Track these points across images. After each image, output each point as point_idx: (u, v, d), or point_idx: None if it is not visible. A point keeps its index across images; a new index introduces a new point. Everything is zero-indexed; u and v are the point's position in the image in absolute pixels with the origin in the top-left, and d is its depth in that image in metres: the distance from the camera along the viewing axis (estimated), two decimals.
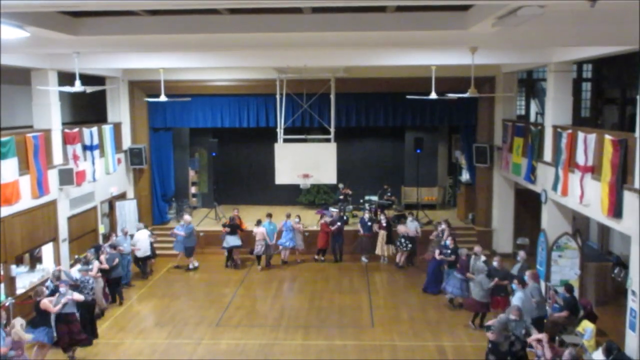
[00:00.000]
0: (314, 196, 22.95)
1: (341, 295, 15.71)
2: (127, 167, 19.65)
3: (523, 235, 17.86)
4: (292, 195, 22.91)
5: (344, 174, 20.68)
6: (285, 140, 18.55)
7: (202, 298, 15.61)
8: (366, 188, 22.20)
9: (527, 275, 12.56)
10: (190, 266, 17.84)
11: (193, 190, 23.00)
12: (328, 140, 18.50)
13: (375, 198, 21.25)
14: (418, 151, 20.63)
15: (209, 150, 22.08)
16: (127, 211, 18.91)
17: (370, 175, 23.06)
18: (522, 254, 14.04)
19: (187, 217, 18.27)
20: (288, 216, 18.18)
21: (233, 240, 17.77)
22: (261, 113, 19.82)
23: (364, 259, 18.59)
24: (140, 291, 16.10)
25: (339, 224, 18.32)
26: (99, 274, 13.93)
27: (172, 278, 17.13)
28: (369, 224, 18.39)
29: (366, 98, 19.64)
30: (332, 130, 18.42)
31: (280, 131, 18.48)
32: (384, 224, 18.18)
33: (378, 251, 18.35)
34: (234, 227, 17.85)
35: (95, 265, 13.75)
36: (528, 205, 18.43)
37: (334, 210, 20.71)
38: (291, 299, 15.56)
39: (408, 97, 15.76)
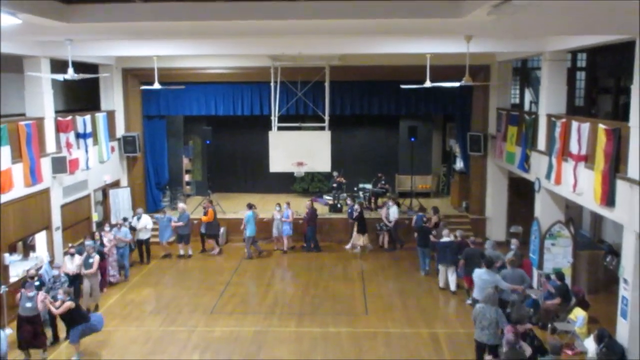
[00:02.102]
0: (308, 184, 22.95)
1: (335, 283, 15.75)
2: (121, 155, 19.58)
3: (516, 223, 17.93)
4: (286, 183, 22.90)
5: (338, 162, 20.65)
6: (280, 128, 18.50)
7: (196, 286, 15.62)
8: (360, 176, 22.23)
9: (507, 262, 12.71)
10: (182, 252, 17.80)
11: (187, 178, 22.97)
12: (322, 129, 18.47)
13: (369, 186, 21.29)
14: (412, 139, 20.62)
15: (203, 138, 22.01)
16: (121, 199, 18.87)
17: (365, 163, 23.06)
18: (515, 242, 14.09)
19: (181, 205, 18.22)
20: (288, 204, 18.27)
21: (205, 228, 17.94)
22: (255, 101, 19.75)
23: (348, 246, 18.62)
24: (135, 279, 16.10)
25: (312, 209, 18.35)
26: (95, 269, 13.68)
27: (166, 266, 17.13)
28: (357, 212, 18.30)
29: (361, 86, 19.60)
30: (326, 118, 18.38)
31: (274, 119, 18.43)
32: (357, 214, 18.14)
33: (353, 240, 18.41)
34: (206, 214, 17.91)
35: (96, 260, 13.61)
36: (521, 194, 18.48)
37: (328, 197, 20.74)
38: (285, 286, 15.60)
39: (403, 86, 15.74)
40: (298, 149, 17.97)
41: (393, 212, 18.18)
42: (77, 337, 11.44)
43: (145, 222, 17.02)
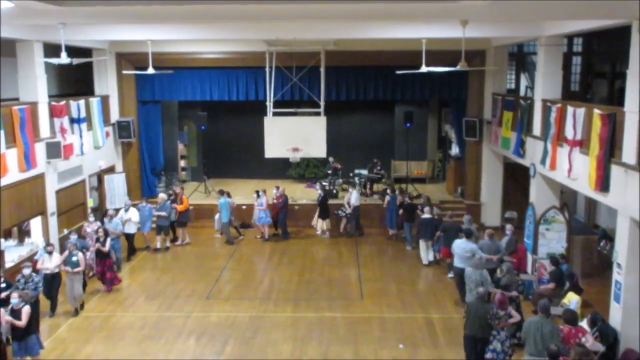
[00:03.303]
0: (304, 170, 22.95)
1: (330, 268, 15.82)
2: (115, 140, 19.51)
3: (511, 208, 17.95)
4: (281, 169, 22.91)
5: (333, 148, 20.64)
6: (275, 114, 18.45)
7: (192, 272, 15.64)
8: (356, 162, 22.23)
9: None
10: (159, 245, 17.19)
11: (182, 163, 22.94)
12: (318, 114, 18.40)
13: (364, 172, 21.29)
14: (408, 125, 20.61)
15: (197, 123, 21.96)
16: (116, 185, 18.84)
17: (360, 149, 23.06)
18: (510, 227, 14.15)
19: (162, 194, 17.54)
20: (264, 192, 18.14)
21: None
22: (250, 86, 19.68)
23: (318, 232, 18.68)
24: (130, 264, 16.12)
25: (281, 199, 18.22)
26: (81, 268, 12.74)
27: (162, 251, 17.13)
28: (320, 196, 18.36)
29: (356, 71, 19.53)
30: (322, 103, 18.32)
31: (269, 104, 18.37)
32: (320, 199, 18.26)
33: (313, 223, 18.57)
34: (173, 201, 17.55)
35: (81, 258, 12.72)
36: (517, 179, 18.52)
37: (323, 183, 20.74)
38: (281, 272, 15.63)
39: (398, 72, 15.69)
40: (293, 135, 17.92)
41: (354, 198, 18.19)
42: (38, 347, 10.27)
43: (132, 214, 16.19)
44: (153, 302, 13.53)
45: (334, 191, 20.27)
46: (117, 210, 16.36)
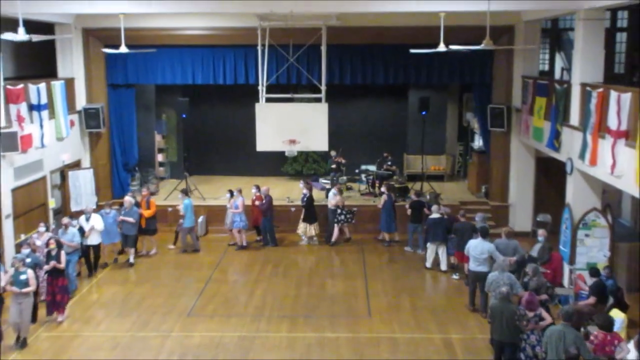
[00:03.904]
0: (302, 165, 22.92)
1: (333, 280, 15.80)
2: (82, 130, 19.48)
3: (544, 211, 17.92)
4: (276, 165, 22.91)
5: (336, 140, 20.62)
6: (268, 100, 18.41)
7: (171, 283, 15.62)
8: (363, 156, 22.19)
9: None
10: (132, 259, 16.85)
11: (160, 158, 22.92)
12: (318, 100, 18.39)
13: (373, 168, 21.27)
14: (423, 113, 20.55)
15: (178, 111, 21.89)
16: (82, 182, 18.76)
17: (368, 141, 23.06)
18: (542, 233, 14.11)
19: (128, 198, 16.86)
20: (240, 191, 18.05)
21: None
22: (240, 68, 19.63)
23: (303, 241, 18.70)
24: (99, 275, 16.09)
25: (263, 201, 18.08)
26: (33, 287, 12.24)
27: (136, 260, 17.06)
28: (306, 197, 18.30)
29: (363, 51, 19.50)
30: (323, 88, 18.28)
31: (262, 89, 18.32)
32: (304, 199, 18.25)
33: (298, 230, 18.52)
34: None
35: (30, 275, 12.12)
36: (551, 177, 18.48)
37: (325, 181, 20.70)
38: (275, 284, 15.60)
39: (412, 51, 15.64)
40: (290, 124, 17.89)
41: (332, 199, 18.24)
42: None
43: (95, 222, 15.72)
44: (125, 320, 13.48)
45: (340, 190, 20.22)
46: (74, 217, 15.86)
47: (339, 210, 18.21)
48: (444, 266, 16.19)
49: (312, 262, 17.29)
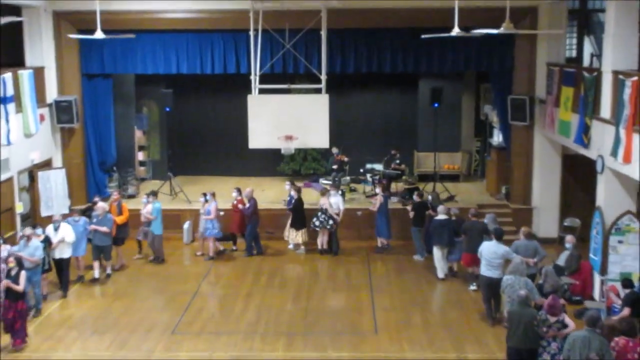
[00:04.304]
0: (300, 164, 22.92)
1: (335, 293, 15.80)
2: (53, 126, 19.49)
3: (572, 214, 17.90)
4: (271, 164, 22.91)
5: (338, 136, 20.62)
6: (262, 91, 18.40)
7: (153, 297, 15.61)
8: (368, 154, 22.20)
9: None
10: (96, 274, 16.49)
11: (140, 156, 22.94)
12: (318, 92, 18.39)
13: (379, 167, 21.23)
14: (436, 105, 20.55)
15: (161, 104, 21.87)
16: (54, 184, 18.75)
17: (374, 137, 23.08)
18: (570, 240, 14.09)
19: (101, 204, 16.60)
20: (213, 195, 18.01)
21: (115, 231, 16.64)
22: (230, 55, 19.66)
23: (290, 246, 18.73)
24: (74, 287, 16.05)
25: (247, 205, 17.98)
26: None
27: (102, 281, 16.78)
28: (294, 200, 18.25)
29: (368, 36, 19.52)
30: (323, 78, 18.26)
31: (255, 79, 18.30)
32: (291, 202, 18.21)
33: (285, 236, 18.54)
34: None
35: None
36: (579, 176, 18.50)
37: (325, 182, 20.67)
38: (270, 297, 15.57)
39: (423, 36, 15.62)
40: (286, 118, 17.88)
41: (336, 203, 18.05)
42: None
43: (65, 233, 15.29)
44: (103, 338, 13.43)
45: (340, 192, 20.17)
46: (41, 225, 15.63)
47: (319, 213, 18.09)
48: (441, 273, 16.33)
49: (311, 272, 17.27)
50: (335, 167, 20.93)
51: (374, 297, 15.48)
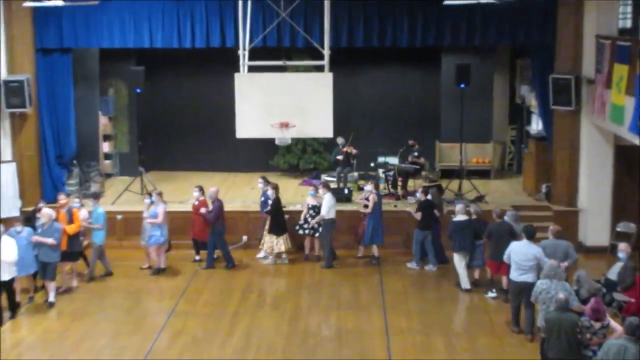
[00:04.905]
0: (298, 157, 22.95)
1: (340, 313, 15.75)
2: (1, 111, 19.52)
3: (627, 218, 17.87)
4: (263, 157, 23.01)
5: (345, 123, 20.62)
6: (252, 69, 18.39)
7: (120, 318, 15.58)
8: (380, 145, 22.20)
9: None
10: (52, 298, 16.11)
11: (106, 148, 22.98)
12: (320, 70, 18.41)
13: (394, 161, 21.21)
14: (462, 86, 20.52)
15: (130, 84, 21.85)
16: (3, 182, 18.80)
17: (387, 124, 23.20)
18: (624, 248, 14.02)
19: (47, 210, 16.13)
20: (161, 195, 17.97)
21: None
22: (214, 26, 19.69)
23: (260, 255, 18.80)
24: (26, 306, 16.03)
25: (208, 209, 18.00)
26: None
27: (45, 307, 16.43)
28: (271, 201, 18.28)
29: (380, 2, 19.53)
30: (326, 53, 18.22)
31: (243, 55, 18.29)
32: (265, 202, 18.28)
33: (262, 245, 18.53)
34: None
35: None
36: (635, 172, 18.55)
37: (329, 179, 20.63)
38: (262, 318, 15.56)
39: (446, 2, 15.57)
40: (281, 102, 17.89)
41: (328, 203, 18.06)
42: None
43: (6, 252, 14.86)
44: None
45: (346, 190, 20.12)
46: None
47: (308, 218, 18.20)
48: (467, 284, 16.57)
49: (312, 287, 17.25)
50: (340, 158, 20.95)
51: (387, 318, 15.42)
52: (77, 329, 14.95)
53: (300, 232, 18.47)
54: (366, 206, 18.03)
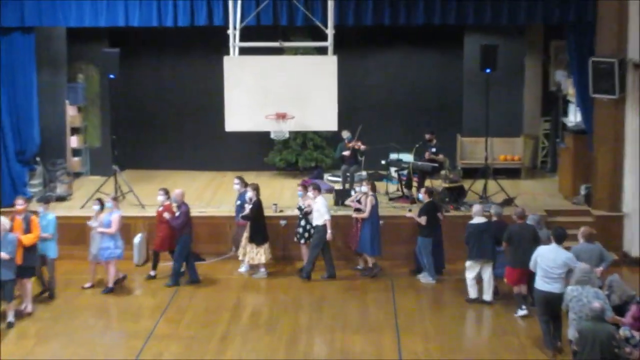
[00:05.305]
0: (296, 154, 22.97)
1: (346, 335, 15.68)
2: None
3: None
4: (256, 153, 23.09)
5: (352, 114, 20.67)
6: (244, 51, 18.42)
7: (91, 341, 15.50)
8: (392, 139, 22.14)
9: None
10: (10, 318, 16.03)
11: (74, 143, 23.02)
12: (323, 52, 18.42)
13: (409, 158, 21.19)
14: (487, 71, 20.46)
15: (103, 69, 21.81)
16: None
17: (400, 115, 23.28)
18: None
19: (2, 219, 16.01)
20: (116, 199, 18.02)
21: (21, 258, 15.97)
22: (199, 1, 19.70)
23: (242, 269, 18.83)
24: None
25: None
26: None
27: (39, 305, 16.97)
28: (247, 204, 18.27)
29: None
30: (329, 32, 18.23)
31: (234, 34, 18.29)
32: (242, 210, 18.27)
33: (240, 254, 18.53)
34: None
35: None
36: None
37: (333, 179, 20.61)
38: (256, 341, 15.51)
39: None
40: (278, 90, 17.91)
41: (320, 209, 18.07)
42: None
43: None
44: None
45: (353, 191, 20.10)
46: None
47: (301, 222, 18.27)
48: (488, 295, 16.63)
49: (313, 305, 17.24)
50: (346, 154, 20.94)
51: (400, 341, 15.38)
52: (41, 354, 14.91)
53: (302, 241, 18.46)
54: (359, 210, 18.08)
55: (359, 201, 18.14)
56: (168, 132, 23.56)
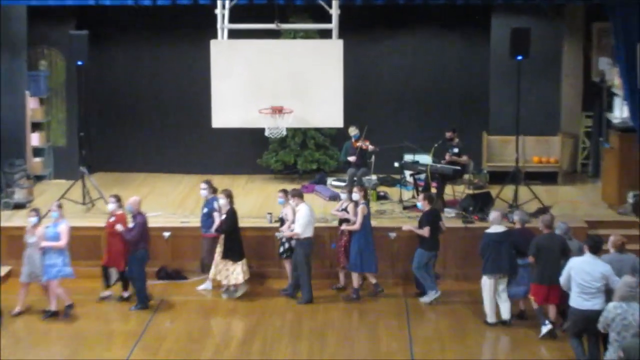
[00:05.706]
0: (294, 155, 22.98)
1: None
2: None
3: None
4: (248, 154, 23.17)
5: (359, 108, 20.66)
6: (234, 34, 18.48)
7: None
8: (406, 138, 22.10)
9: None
10: None
11: (35, 141, 23.07)
12: (327, 35, 18.48)
13: (427, 159, 21.14)
14: (519, 58, 20.39)
15: (70, 55, 21.82)
16: None
17: (417, 110, 23.37)
18: None
19: None
20: (60, 207, 17.81)
21: None
22: None
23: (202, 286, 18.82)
24: None
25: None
26: None
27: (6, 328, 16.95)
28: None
29: None
30: (334, 12, 18.23)
31: (223, 15, 18.29)
32: (207, 217, 18.33)
33: (211, 274, 18.39)
34: None
35: None
36: None
37: (337, 184, 20.58)
38: None
39: None
40: (273, 79, 17.99)
41: (303, 218, 17.90)
42: None
43: None
44: None
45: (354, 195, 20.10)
46: None
47: (283, 237, 18.18)
48: (506, 314, 16.58)
49: (314, 332, 17.12)
50: (353, 158, 20.87)
51: None
52: None
53: (284, 256, 18.40)
54: (347, 220, 18.00)
55: (346, 209, 18.03)
56: (145, 128, 23.64)
